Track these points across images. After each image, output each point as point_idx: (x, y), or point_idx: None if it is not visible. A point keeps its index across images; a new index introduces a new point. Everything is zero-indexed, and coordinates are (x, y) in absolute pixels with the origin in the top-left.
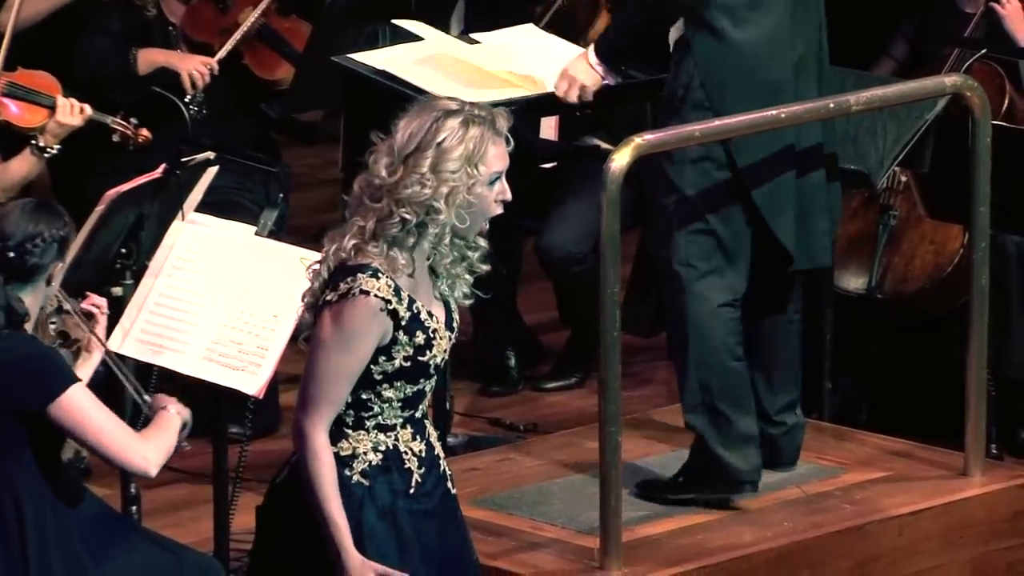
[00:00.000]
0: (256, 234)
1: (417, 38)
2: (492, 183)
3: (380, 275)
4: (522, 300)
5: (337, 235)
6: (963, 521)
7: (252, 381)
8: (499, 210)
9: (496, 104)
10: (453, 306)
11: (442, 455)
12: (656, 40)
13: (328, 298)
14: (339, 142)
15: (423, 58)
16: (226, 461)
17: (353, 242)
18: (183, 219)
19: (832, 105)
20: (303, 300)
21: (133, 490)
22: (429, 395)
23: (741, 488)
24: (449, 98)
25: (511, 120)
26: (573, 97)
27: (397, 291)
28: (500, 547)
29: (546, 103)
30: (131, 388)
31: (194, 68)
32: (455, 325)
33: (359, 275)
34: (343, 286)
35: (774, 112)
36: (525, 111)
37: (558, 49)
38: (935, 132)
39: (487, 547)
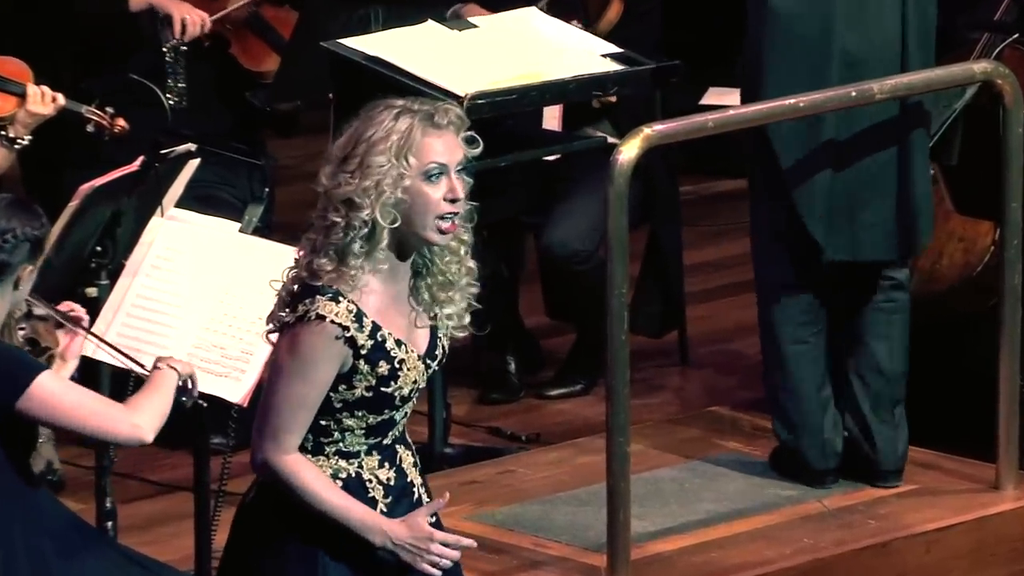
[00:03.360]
0: (240, 231)
1: (413, 22)
2: (431, 177)
3: (341, 299)
4: (524, 301)
5: (297, 254)
6: (995, 537)
7: (236, 388)
8: (448, 209)
9: (497, 92)
10: (441, 332)
11: (418, 481)
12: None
13: (286, 320)
14: (328, 133)
15: (419, 43)
16: (208, 473)
17: (307, 260)
18: (162, 215)
19: (854, 93)
20: (267, 324)
21: (108, 504)
22: (403, 421)
23: (822, 481)
24: (405, 97)
25: (462, 117)
26: None
27: (359, 317)
28: (501, 566)
29: (549, 90)
30: (131, 364)
31: (188, 13)
32: (439, 353)
33: (317, 298)
34: (300, 308)
35: (791, 101)
36: (525, 99)
37: (561, 34)
38: (964, 122)
39: (487, 566)
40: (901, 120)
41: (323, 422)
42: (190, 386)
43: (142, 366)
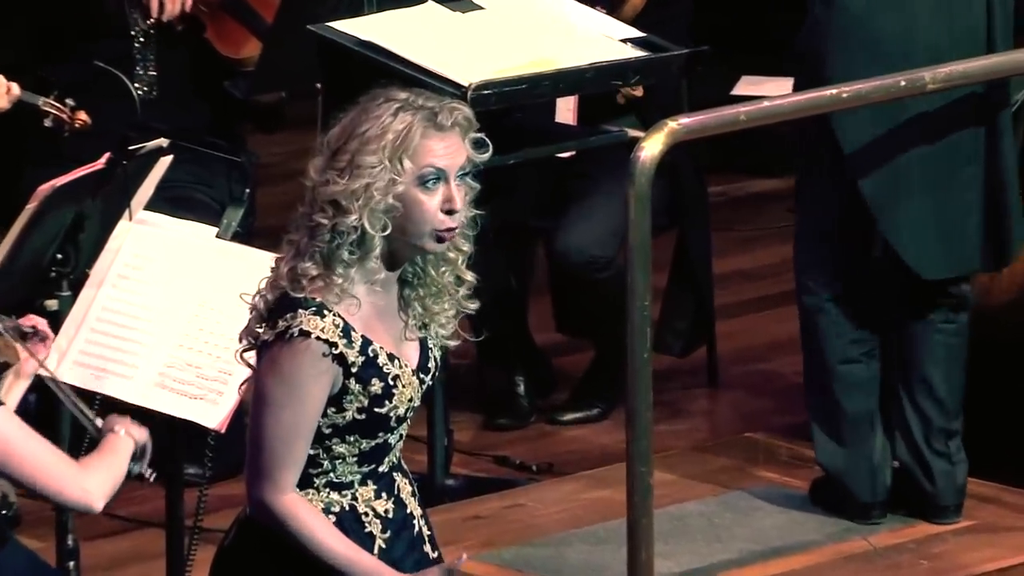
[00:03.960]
0: (218, 236)
1: (410, 3)
2: (426, 183)
3: (326, 312)
4: (534, 315)
5: (277, 260)
6: None
7: (213, 412)
8: (447, 223)
9: (505, 81)
10: (432, 342)
11: (418, 513)
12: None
13: (265, 337)
14: (315, 127)
15: (417, 27)
16: (182, 507)
17: (288, 266)
18: (130, 219)
19: (903, 82)
20: (240, 341)
21: (70, 542)
22: (398, 446)
23: (869, 515)
24: (409, 88)
25: (469, 118)
26: None
27: (347, 331)
28: None
29: (562, 80)
30: (78, 414)
31: None
32: (432, 366)
33: (300, 312)
34: (281, 324)
35: (833, 92)
36: (537, 89)
37: (576, 17)
38: None
39: None
40: (986, 115)
41: (311, 451)
42: (141, 455)
43: (94, 423)
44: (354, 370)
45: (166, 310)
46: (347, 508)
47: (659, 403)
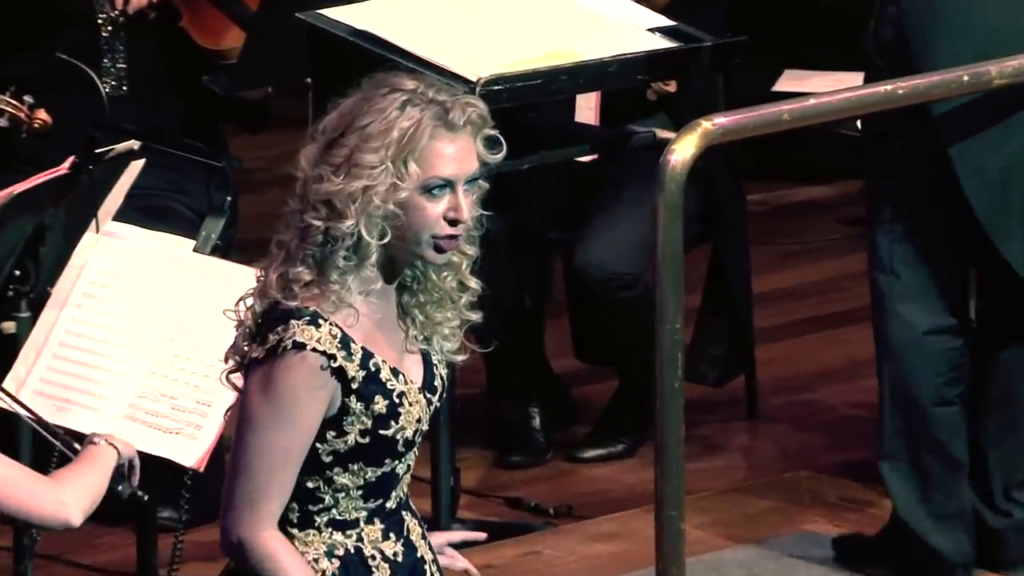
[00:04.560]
0: (195, 250)
1: None
2: (430, 192)
3: (321, 321)
4: (551, 339)
5: (265, 266)
6: None
7: (190, 448)
8: (446, 231)
9: (518, 75)
10: (435, 357)
11: (429, 558)
12: None
13: (254, 355)
14: (305, 128)
15: (419, 14)
16: (155, 555)
17: (278, 272)
18: (97, 231)
19: (966, 78)
20: (226, 361)
21: None
22: (406, 478)
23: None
24: (416, 75)
25: (483, 115)
26: None
27: (345, 342)
28: None
29: (583, 74)
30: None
31: None
32: (438, 384)
33: (292, 322)
34: (272, 337)
35: (888, 87)
36: (554, 85)
37: (599, 3)
38: None
39: None
40: None
41: (310, 484)
42: (129, 471)
43: (69, 443)
44: (355, 386)
45: (137, 333)
46: (352, 551)
47: (691, 438)
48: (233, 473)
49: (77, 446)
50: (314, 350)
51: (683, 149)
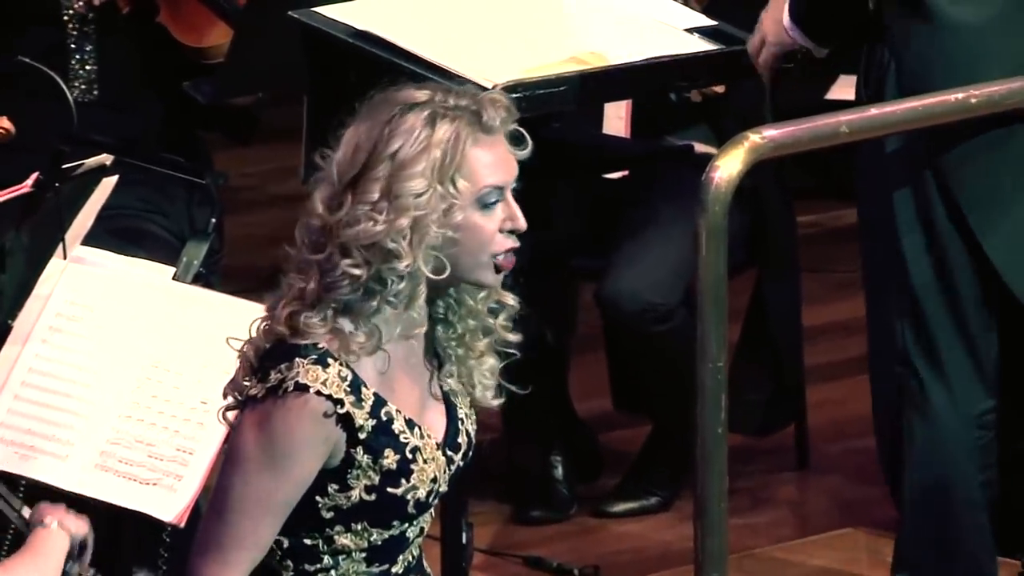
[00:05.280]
0: (175, 278)
1: None
2: (486, 206)
3: (330, 361)
4: (576, 378)
5: (274, 301)
6: None
7: (169, 501)
8: (507, 244)
9: (540, 82)
10: (463, 411)
11: None
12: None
13: (252, 393)
14: (299, 141)
15: (428, 12)
16: None
17: (289, 310)
18: (64, 256)
19: None
20: (224, 397)
21: None
22: (418, 541)
23: None
24: (422, 84)
25: (511, 109)
26: (763, 62)
27: (355, 386)
28: None
29: (612, 81)
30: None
31: None
32: (462, 442)
33: (297, 360)
34: (273, 376)
35: (960, 96)
36: (579, 92)
37: (630, 0)
38: None
39: None
40: None
41: (308, 541)
42: (80, 552)
43: (20, 513)
44: (362, 436)
45: (109, 372)
46: None
47: (735, 490)
48: (209, 513)
49: (26, 512)
50: (318, 393)
51: (728, 165)
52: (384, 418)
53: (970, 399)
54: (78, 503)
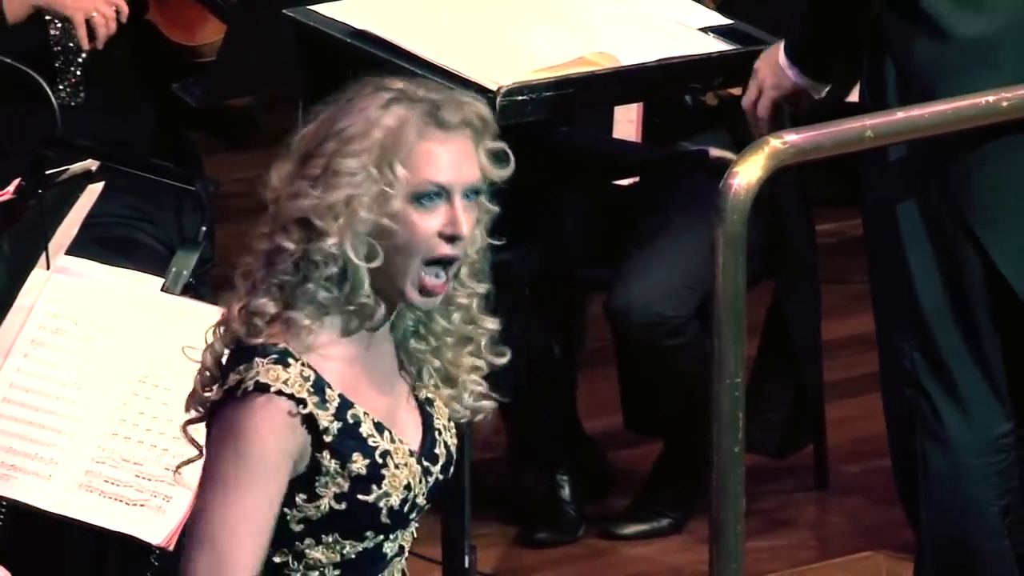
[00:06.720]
0: (164, 289)
1: None
2: (422, 201)
3: (291, 360)
4: (584, 395)
5: (228, 299)
6: None
7: (157, 523)
8: (443, 250)
9: (546, 84)
10: (440, 422)
11: None
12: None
13: (212, 398)
14: None
15: (429, 11)
16: None
17: (239, 304)
18: (48, 266)
19: None
20: (187, 411)
21: None
22: (397, 561)
23: None
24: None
25: (483, 121)
26: (761, 111)
27: (319, 387)
28: None
29: (622, 83)
30: None
31: (93, 9)
32: (440, 453)
33: (256, 360)
34: (232, 378)
35: (991, 99)
36: (588, 95)
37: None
38: None
39: None
40: None
41: (277, 558)
42: None
43: None
44: (328, 439)
45: (95, 387)
46: None
47: (751, 512)
48: (193, 543)
49: None
50: (279, 392)
51: (747, 172)
52: (351, 420)
53: (986, 422)
54: (61, 526)
